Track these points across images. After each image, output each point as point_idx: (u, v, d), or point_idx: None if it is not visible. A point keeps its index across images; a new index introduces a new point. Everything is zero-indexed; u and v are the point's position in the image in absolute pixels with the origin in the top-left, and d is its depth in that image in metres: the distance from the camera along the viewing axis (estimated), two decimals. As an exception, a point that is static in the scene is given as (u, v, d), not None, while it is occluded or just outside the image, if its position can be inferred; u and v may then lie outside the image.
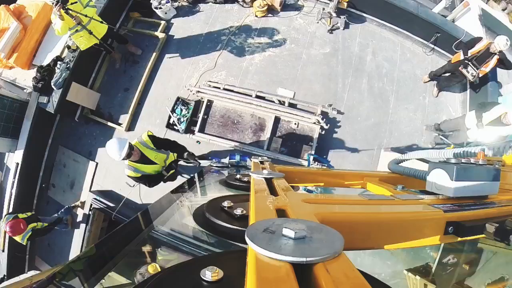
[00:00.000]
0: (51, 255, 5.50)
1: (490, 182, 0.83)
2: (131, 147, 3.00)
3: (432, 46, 5.43)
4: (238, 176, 1.29)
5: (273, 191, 0.77)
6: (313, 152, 4.52)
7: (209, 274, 0.43)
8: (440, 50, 5.46)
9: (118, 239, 0.93)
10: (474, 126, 3.88)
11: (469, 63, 4.21)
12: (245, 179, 1.20)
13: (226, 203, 0.79)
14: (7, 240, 5.07)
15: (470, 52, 4.18)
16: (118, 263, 0.86)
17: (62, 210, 4.98)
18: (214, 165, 2.67)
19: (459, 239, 0.69)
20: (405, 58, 5.42)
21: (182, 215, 1.33)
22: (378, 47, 5.34)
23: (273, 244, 0.35)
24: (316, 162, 4.37)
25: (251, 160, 1.54)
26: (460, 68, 4.35)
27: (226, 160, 3.20)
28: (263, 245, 0.35)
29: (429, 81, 5.17)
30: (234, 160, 3.27)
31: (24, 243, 4.56)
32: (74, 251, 5.19)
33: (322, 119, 4.46)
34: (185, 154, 3.57)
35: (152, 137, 3.29)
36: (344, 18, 5.22)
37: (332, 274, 0.31)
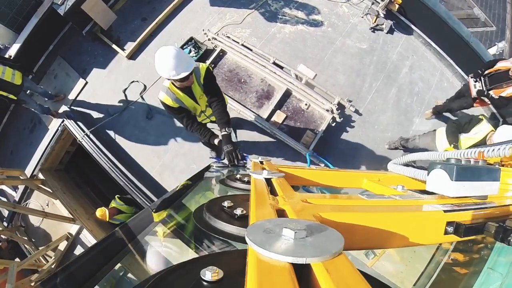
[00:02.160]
0: (11, 164, 4.67)
1: (490, 182, 0.71)
2: (192, 72, 2.03)
3: (473, 84, 4.50)
4: (238, 176, 1.12)
5: (273, 191, 0.69)
6: (313, 144, 3.57)
7: (209, 274, 0.36)
8: (479, 92, 4.52)
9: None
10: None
11: (481, 77, 3.20)
12: (245, 179, 1.03)
13: (226, 203, 0.67)
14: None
15: (488, 70, 3.17)
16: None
17: (42, 105, 4.08)
18: (214, 165, 2.07)
19: (459, 239, 0.59)
20: (441, 86, 4.50)
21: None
22: (418, 64, 4.45)
23: (273, 244, 0.31)
24: (313, 164, 3.44)
25: (251, 161, 1.46)
26: (469, 76, 3.36)
27: (226, 160, 2.44)
28: (263, 245, 0.31)
29: (431, 117, 4.06)
30: None
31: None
32: (32, 165, 4.34)
33: (337, 109, 3.56)
34: (224, 130, 2.24)
35: (209, 72, 2.24)
36: (391, 23, 4.39)
37: (332, 274, 0.27)
